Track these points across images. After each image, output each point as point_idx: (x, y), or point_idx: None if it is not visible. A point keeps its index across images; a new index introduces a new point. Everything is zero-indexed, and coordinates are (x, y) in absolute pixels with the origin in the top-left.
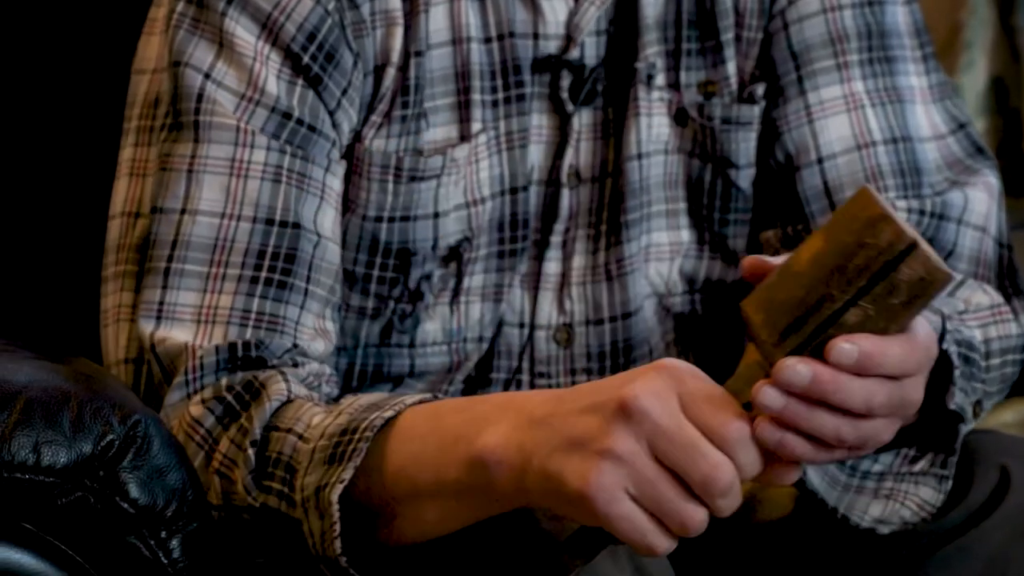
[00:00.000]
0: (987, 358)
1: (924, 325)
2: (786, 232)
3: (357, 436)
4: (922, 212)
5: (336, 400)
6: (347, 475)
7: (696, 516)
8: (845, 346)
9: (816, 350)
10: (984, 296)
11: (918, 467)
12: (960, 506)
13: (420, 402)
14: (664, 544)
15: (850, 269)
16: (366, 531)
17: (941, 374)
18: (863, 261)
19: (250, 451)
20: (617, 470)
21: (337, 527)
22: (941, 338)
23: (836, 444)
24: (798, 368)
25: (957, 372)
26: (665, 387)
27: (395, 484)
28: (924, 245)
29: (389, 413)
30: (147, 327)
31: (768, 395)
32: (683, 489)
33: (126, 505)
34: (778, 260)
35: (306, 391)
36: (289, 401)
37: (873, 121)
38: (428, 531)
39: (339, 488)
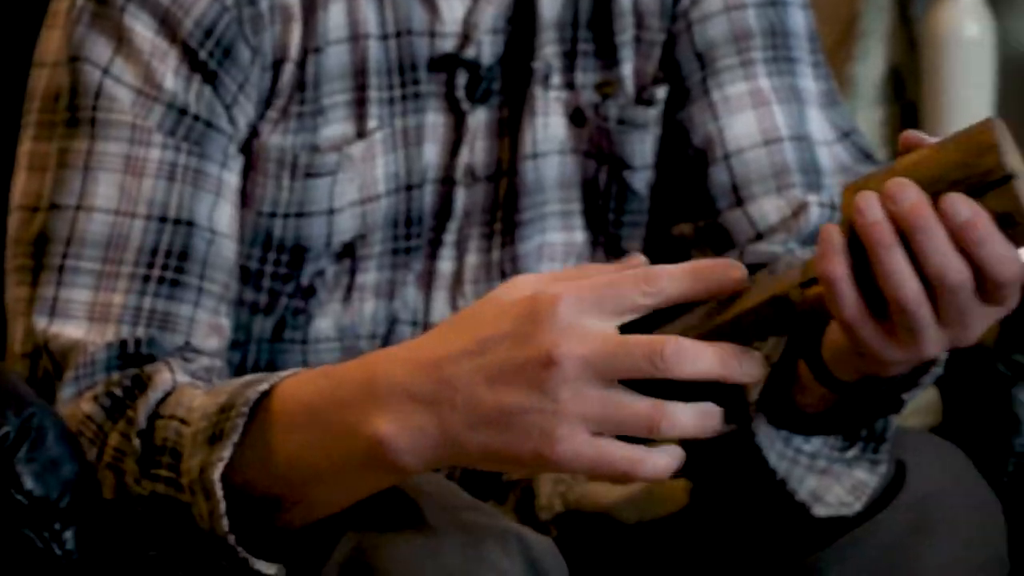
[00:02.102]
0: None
1: None
2: (698, 227)
3: (234, 413)
4: (823, 205)
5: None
6: (226, 453)
7: (676, 409)
8: (961, 201)
9: None
10: None
11: (849, 454)
12: None
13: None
14: (662, 461)
15: (945, 182)
16: (263, 515)
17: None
18: (958, 177)
19: (136, 441)
20: (570, 424)
21: (222, 505)
22: None
23: (897, 300)
24: (909, 188)
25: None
26: (569, 317)
27: (291, 472)
28: None
29: (264, 387)
30: (41, 323)
31: (868, 200)
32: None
33: (20, 497)
34: (933, 140)
35: (190, 379)
36: (174, 389)
37: (779, 118)
38: (336, 507)
39: (219, 466)
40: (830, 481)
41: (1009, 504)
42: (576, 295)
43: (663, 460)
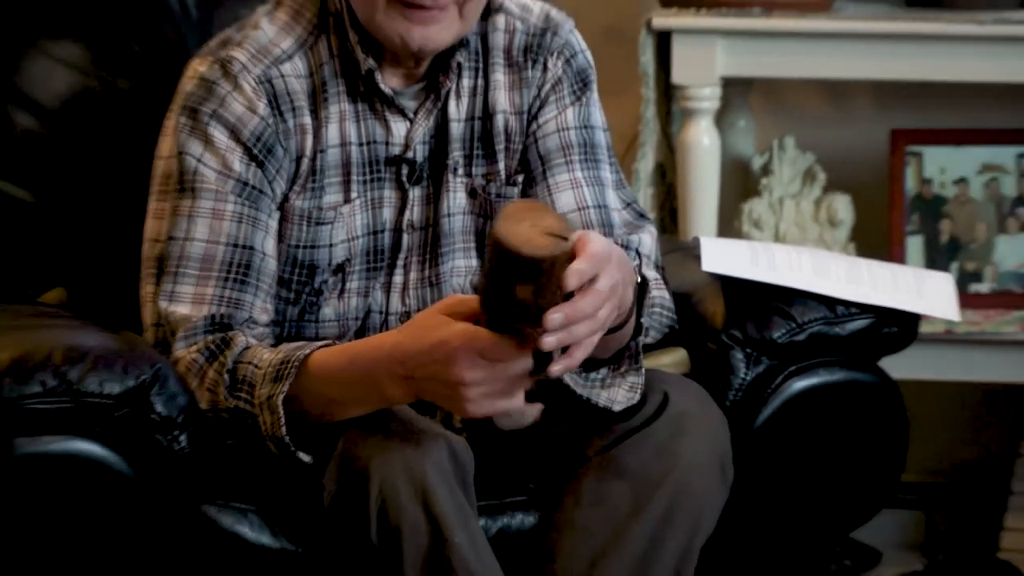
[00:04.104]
0: (651, 305)
1: (618, 251)
2: None
3: (290, 365)
4: (621, 246)
5: (276, 347)
6: (285, 388)
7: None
8: (556, 316)
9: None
10: (653, 272)
11: (623, 369)
12: (639, 414)
13: (325, 346)
14: (531, 410)
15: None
16: (303, 424)
17: (640, 298)
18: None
19: (226, 376)
20: (477, 399)
21: (282, 418)
22: (639, 272)
23: (592, 327)
24: (554, 315)
25: (651, 295)
26: (466, 358)
27: (328, 407)
28: (513, 241)
29: (308, 351)
30: (163, 305)
31: (554, 321)
32: (510, 381)
33: (154, 416)
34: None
35: (257, 342)
36: (248, 347)
37: (588, 195)
38: (353, 416)
39: (281, 396)
40: (616, 389)
41: (731, 419)
42: (467, 347)
43: (531, 410)
